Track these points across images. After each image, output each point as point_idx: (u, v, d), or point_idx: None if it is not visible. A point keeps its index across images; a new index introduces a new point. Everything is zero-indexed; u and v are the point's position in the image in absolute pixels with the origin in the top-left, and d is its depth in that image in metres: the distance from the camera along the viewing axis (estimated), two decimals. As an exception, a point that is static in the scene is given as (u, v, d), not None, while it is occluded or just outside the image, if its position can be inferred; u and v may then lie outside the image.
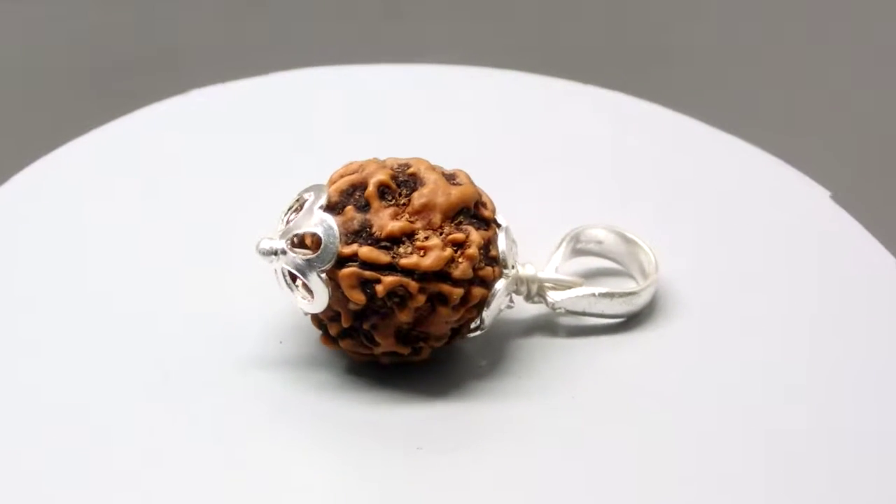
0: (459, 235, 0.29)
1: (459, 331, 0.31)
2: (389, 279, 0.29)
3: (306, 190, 0.30)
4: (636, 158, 0.38)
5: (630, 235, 0.33)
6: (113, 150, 0.37)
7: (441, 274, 0.29)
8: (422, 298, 0.29)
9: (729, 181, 0.37)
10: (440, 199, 0.30)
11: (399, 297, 0.29)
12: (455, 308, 0.29)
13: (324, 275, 0.29)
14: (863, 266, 0.34)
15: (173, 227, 0.35)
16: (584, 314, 0.32)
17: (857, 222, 0.35)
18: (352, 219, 0.29)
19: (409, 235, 0.29)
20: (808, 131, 0.49)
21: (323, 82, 0.40)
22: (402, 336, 0.30)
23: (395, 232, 0.29)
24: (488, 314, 0.30)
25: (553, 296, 0.32)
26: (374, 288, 0.29)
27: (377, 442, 0.29)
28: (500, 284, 0.30)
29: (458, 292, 0.29)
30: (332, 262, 0.29)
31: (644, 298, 0.32)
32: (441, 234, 0.29)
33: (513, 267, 0.31)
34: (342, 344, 0.30)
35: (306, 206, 0.30)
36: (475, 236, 0.30)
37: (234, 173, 0.37)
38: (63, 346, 0.31)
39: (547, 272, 0.32)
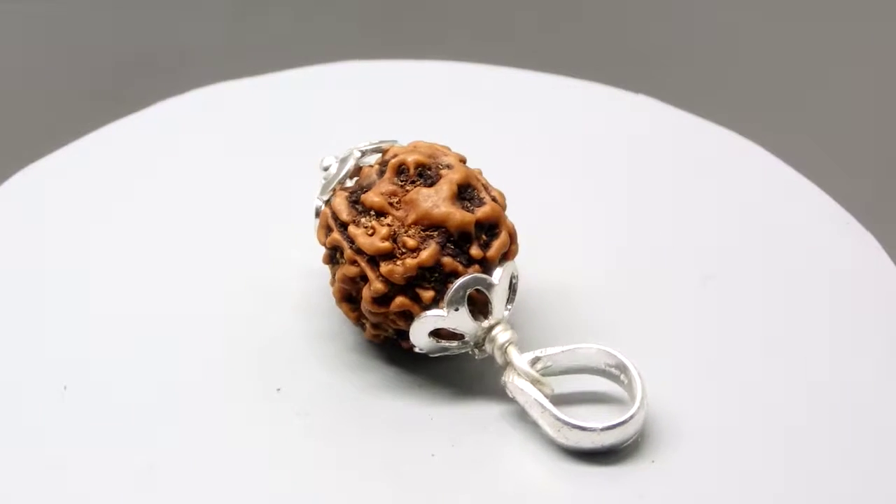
0: (411, 242, 0.29)
1: (407, 337, 0.31)
2: (336, 235, 0.30)
3: (391, 141, 0.32)
4: (651, 161, 0.37)
5: (628, 366, 0.30)
6: (114, 149, 0.38)
7: (373, 259, 0.30)
8: (353, 270, 0.30)
9: (751, 192, 0.36)
10: (424, 205, 0.30)
11: (344, 257, 0.30)
12: (376, 301, 0.30)
13: (320, 203, 0.31)
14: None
15: (179, 226, 0.35)
16: (525, 411, 0.30)
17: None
18: (369, 176, 0.31)
19: (380, 214, 0.30)
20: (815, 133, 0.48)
21: (325, 81, 0.40)
22: (351, 300, 0.31)
23: (366, 201, 0.30)
24: (413, 334, 0.30)
25: (509, 375, 0.30)
26: (329, 235, 0.30)
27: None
28: (429, 313, 0.29)
29: (378, 286, 0.29)
30: (327, 197, 0.31)
31: (588, 439, 0.29)
32: (405, 231, 0.30)
33: (483, 318, 0.30)
34: (331, 280, 0.32)
35: (367, 146, 0.32)
36: (427, 255, 0.29)
37: (239, 172, 0.37)
38: (78, 343, 0.32)
39: (520, 358, 0.30)
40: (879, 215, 0.37)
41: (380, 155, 0.32)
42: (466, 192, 0.30)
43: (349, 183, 0.32)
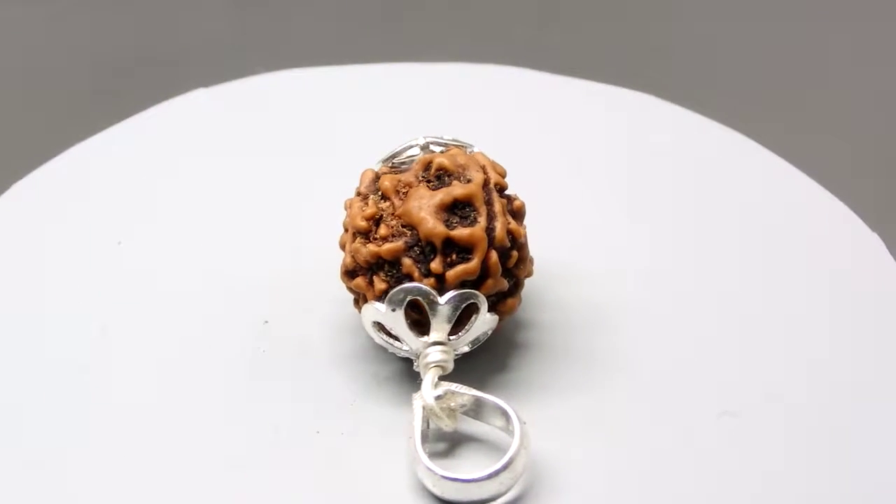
0: (384, 231, 0.30)
1: None
2: (347, 200, 0.31)
3: (466, 144, 0.33)
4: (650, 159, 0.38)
5: (515, 432, 0.28)
6: (119, 151, 0.38)
7: (355, 232, 0.30)
8: (343, 237, 0.31)
9: (743, 184, 0.37)
10: (412, 203, 0.30)
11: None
12: (345, 273, 0.31)
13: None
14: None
15: (186, 231, 0.35)
16: None
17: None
18: (411, 162, 0.32)
19: (385, 197, 0.31)
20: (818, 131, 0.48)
21: (324, 82, 0.40)
22: None
23: (380, 182, 0.31)
24: (362, 317, 0.30)
25: (416, 395, 0.30)
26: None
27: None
28: (374, 303, 0.30)
29: (347, 259, 0.31)
30: (378, 167, 0.32)
31: (430, 481, 0.28)
32: (388, 220, 0.30)
33: (420, 335, 0.30)
34: None
35: (437, 138, 0.32)
36: (388, 248, 0.30)
37: (242, 174, 0.37)
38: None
39: (429, 385, 0.29)
40: (882, 213, 0.37)
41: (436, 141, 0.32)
42: (463, 209, 0.30)
43: None
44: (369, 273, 0.30)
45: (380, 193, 0.31)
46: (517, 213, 0.31)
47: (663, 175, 0.37)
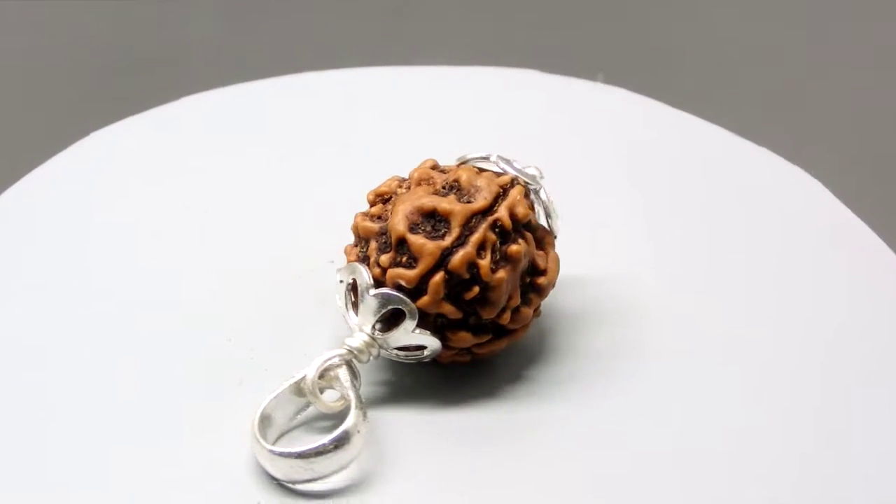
0: (374, 211, 0.31)
1: None
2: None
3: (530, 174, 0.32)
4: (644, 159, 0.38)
5: (345, 422, 0.28)
6: (120, 151, 0.38)
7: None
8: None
9: (741, 185, 0.37)
10: (405, 196, 0.30)
11: None
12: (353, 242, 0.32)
13: None
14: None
15: (187, 233, 0.35)
16: None
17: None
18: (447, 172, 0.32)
19: (409, 187, 0.31)
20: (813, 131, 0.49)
21: (324, 84, 0.41)
22: None
23: (414, 174, 0.31)
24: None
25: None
26: None
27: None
28: (340, 266, 0.31)
29: (353, 223, 0.32)
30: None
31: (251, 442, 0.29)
32: (389, 202, 0.31)
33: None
34: None
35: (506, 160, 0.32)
36: (364, 226, 0.31)
37: (244, 177, 0.37)
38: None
39: (317, 364, 0.29)
40: (882, 213, 0.37)
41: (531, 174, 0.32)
42: (439, 223, 0.30)
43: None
44: (356, 242, 0.31)
45: (408, 179, 0.31)
46: (509, 258, 0.30)
47: (666, 180, 0.37)
